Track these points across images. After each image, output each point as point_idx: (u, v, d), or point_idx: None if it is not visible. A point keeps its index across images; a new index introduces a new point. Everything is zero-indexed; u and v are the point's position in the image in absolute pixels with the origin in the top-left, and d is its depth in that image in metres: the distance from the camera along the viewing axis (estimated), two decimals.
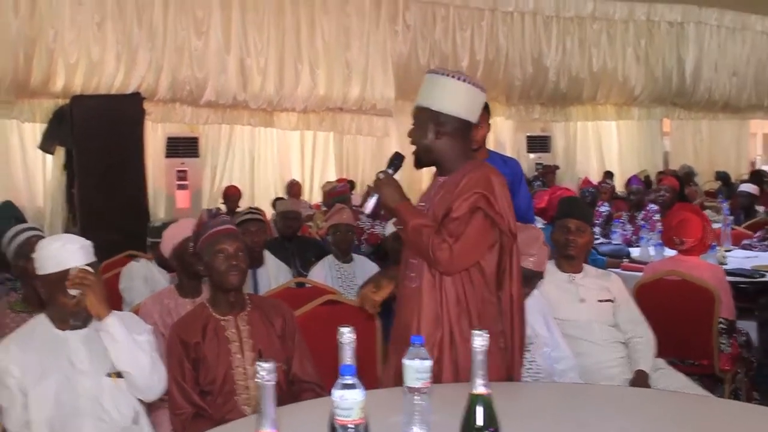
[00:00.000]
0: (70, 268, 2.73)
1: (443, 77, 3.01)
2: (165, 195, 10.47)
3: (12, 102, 9.17)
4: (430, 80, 3.04)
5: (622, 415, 2.57)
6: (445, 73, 3.03)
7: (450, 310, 2.95)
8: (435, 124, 2.99)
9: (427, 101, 3.01)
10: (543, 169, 12.72)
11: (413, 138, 3.05)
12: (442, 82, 3.01)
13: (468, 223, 2.87)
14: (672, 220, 5.04)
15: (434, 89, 3.02)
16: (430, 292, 2.98)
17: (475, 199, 2.89)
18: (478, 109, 3.10)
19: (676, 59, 14.10)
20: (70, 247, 2.78)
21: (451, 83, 3.00)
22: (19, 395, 2.70)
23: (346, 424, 1.82)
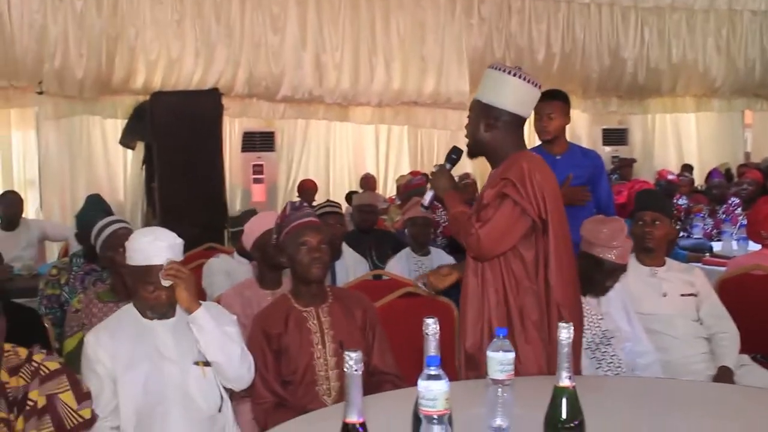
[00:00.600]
0: (159, 264, 2.80)
1: (497, 72, 3.11)
2: (241, 189, 10.61)
3: (95, 99, 9.39)
4: (487, 75, 3.16)
5: (705, 411, 2.54)
6: (501, 68, 3.13)
7: (490, 298, 3.01)
8: (485, 116, 3.10)
9: (480, 95, 3.14)
10: (620, 162, 12.51)
11: (467, 130, 3.20)
12: (496, 76, 3.11)
13: (496, 209, 2.96)
14: (758, 214, 4.92)
15: (488, 83, 3.14)
16: (474, 281, 3.06)
17: (502, 185, 2.98)
18: (531, 104, 3.19)
19: (759, 49, 13.68)
20: (159, 245, 2.84)
21: (504, 78, 3.09)
22: (109, 382, 2.78)
23: (431, 415, 1.83)
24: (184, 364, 2.86)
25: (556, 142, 4.58)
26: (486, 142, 3.11)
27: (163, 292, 2.82)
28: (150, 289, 2.82)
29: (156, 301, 2.84)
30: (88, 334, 2.88)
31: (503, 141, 3.09)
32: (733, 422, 2.39)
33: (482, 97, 3.12)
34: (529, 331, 2.97)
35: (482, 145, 3.13)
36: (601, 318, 3.54)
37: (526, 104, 3.13)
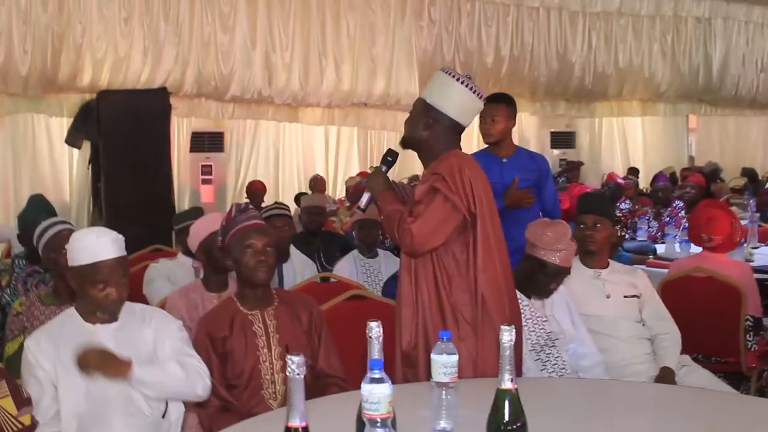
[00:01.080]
0: (107, 258, 2.76)
1: (448, 76, 3.16)
2: (190, 189, 10.52)
3: (40, 97, 9.23)
4: (437, 77, 3.20)
5: (647, 412, 2.57)
6: (452, 73, 3.17)
7: (423, 296, 3.04)
8: (426, 115, 3.14)
9: (426, 94, 3.18)
10: (567, 165, 12.66)
11: (406, 124, 3.22)
12: (445, 80, 3.15)
13: (428, 204, 3.00)
14: (700, 217, 5.01)
15: (436, 85, 3.18)
16: (407, 279, 3.10)
17: (433, 180, 3.02)
18: (472, 114, 3.25)
19: (703, 55, 13.96)
20: (104, 240, 2.79)
21: (452, 83, 3.13)
22: (49, 387, 2.73)
23: (374, 418, 1.83)
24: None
25: (502, 145, 4.63)
26: (422, 140, 3.16)
27: (114, 289, 2.77)
28: (100, 287, 2.75)
29: (107, 299, 2.77)
30: (29, 338, 2.82)
31: (438, 141, 3.14)
32: (674, 422, 2.43)
33: (427, 97, 3.16)
34: (462, 328, 3.00)
35: (417, 142, 3.18)
36: (546, 320, 3.57)
37: (467, 113, 3.18)
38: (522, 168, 4.58)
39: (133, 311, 2.95)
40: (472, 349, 2.99)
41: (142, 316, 2.95)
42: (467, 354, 2.97)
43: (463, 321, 3.01)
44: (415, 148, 3.21)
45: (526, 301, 3.55)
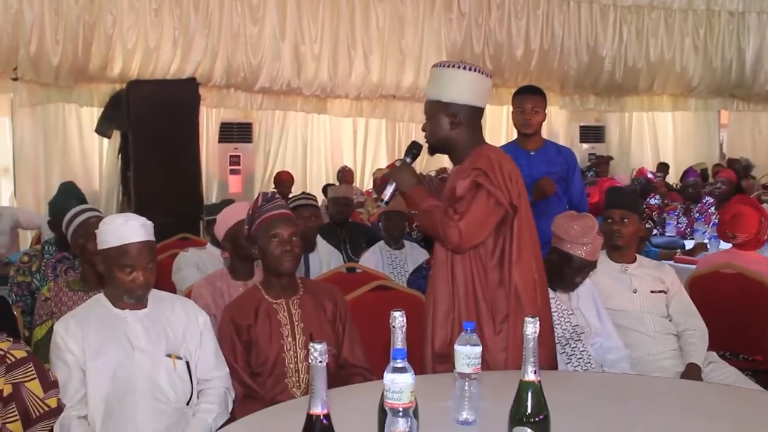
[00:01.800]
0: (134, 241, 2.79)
1: (448, 69, 3.11)
2: (218, 180, 10.58)
3: (71, 86, 9.31)
4: (436, 74, 3.15)
5: (672, 408, 2.55)
6: (449, 64, 3.13)
7: (459, 292, 3.01)
8: (448, 114, 3.10)
9: (437, 94, 3.11)
10: (596, 159, 12.59)
11: (429, 131, 3.15)
12: (448, 73, 3.11)
13: (471, 200, 2.96)
14: (727, 214, 4.96)
15: (442, 81, 3.12)
16: (443, 276, 3.06)
17: (475, 176, 2.98)
18: (487, 94, 3.21)
19: (735, 50, 13.79)
20: (132, 224, 2.83)
21: (456, 73, 3.10)
22: (77, 371, 2.75)
23: (396, 408, 1.83)
24: (155, 355, 2.84)
25: (532, 138, 4.62)
26: (450, 140, 3.12)
27: (141, 273, 2.80)
28: (127, 271, 2.79)
29: (134, 283, 2.80)
30: (57, 323, 2.85)
31: (466, 136, 3.11)
32: (700, 419, 2.41)
33: (440, 97, 3.10)
34: (497, 323, 2.99)
35: (446, 143, 3.13)
36: (572, 313, 3.56)
37: (483, 95, 3.16)
38: (549, 161, 4.57)
39: (161, 298, 2.98)
40: (506, 343, 2.98)
41: (171, 303, 2.98)
42: (502, 348, 2.97)
43: (499, 315, 3.00)
44: (444, 151, 3.18)
45: (551, 294, 3.53)
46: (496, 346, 2.96)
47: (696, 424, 2.37)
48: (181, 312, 2.96)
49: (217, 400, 2.91)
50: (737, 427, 2.32)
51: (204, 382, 2.93)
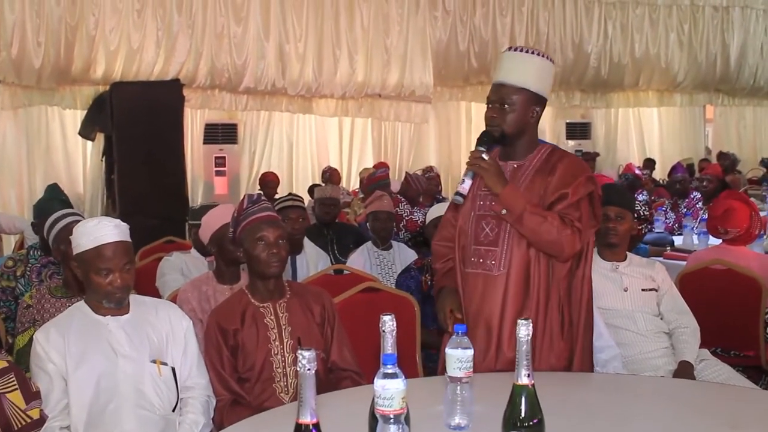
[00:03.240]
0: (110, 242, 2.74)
1: (537, 57, 3.04)
2: (203, 181, 10.52)
3: (53, 89, 9.24)
4: (523, 60, 3.04)
5: (666, 406, 2.54)
6: (538, 53, 3.06)
7: (540, 297, 2.96)
8: (535, 105, 3.03)
9: (523, 81, 3.00)
10: (583, 156, 12.59)
11: (510, 120, 2.99)
12: (538, 63, 3.03)
13: (582, 208, 2.95)
14: (717, 209, 4.93)
15: (530, 69, 3.02)
16: (521, 280, 2.98)
17: (588, 184, 2.97)
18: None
19: (720, 44, 13.84)
20: (106, 225, 2.79)
21: (545, 64, 3.06)
22: (59, 381, 2.70)
23: (387, 414, 1.79)
24: (139, 362, 2.79)
25: None
26: (527, 132, 3.04)
27: (118, 275, 2.74)
28: (104, 274, 2.73)
29: (111, 285, 2.74)
30: (38, 332, 2.80)
31: (535, 130, 3.09)
32: (693, 417, 2.39)
33: (528, 85, 2.99)
34: (565, 327, 3.00)
35: (522, 134, 3.03)
36: None
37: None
38: None
39: (144, 303, 2.94)
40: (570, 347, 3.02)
41: (154, 308, 2.94)
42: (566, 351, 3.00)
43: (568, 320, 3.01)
44: (509, 142, 3.03)
45: None
46: (560, 351, 2.98)
47: (689, 423, 2.35)
48: (165, 317, 2.91)
49: (202, 409, 2.87)
50: (730, 424, 2.30)
51: (186, 390, 2.88)
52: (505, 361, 2.93)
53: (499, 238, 2.99)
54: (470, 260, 3.04)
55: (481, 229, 3.03)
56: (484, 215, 3.03)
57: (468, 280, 3.05)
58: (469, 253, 3.05)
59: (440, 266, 3.25)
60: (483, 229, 3.03)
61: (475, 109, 12.29)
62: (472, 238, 3.05)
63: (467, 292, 3.05)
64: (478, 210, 3.04)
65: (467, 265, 3.06)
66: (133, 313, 2.85)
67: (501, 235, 2.99)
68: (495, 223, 3.00)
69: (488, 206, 3.01)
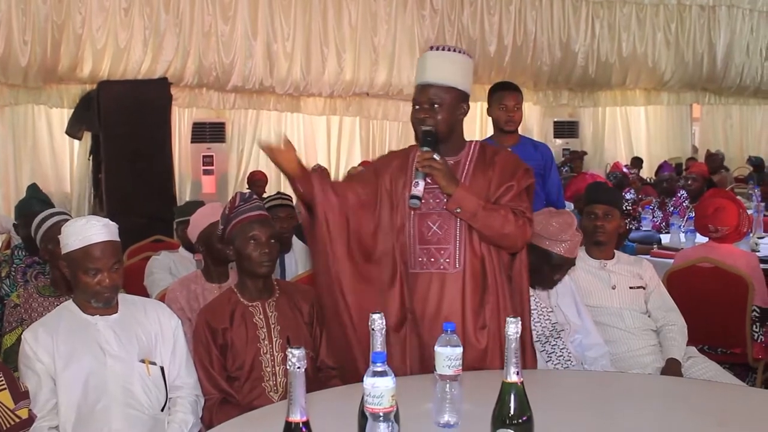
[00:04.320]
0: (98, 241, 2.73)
1: (461, 56, 3.05)
2: (191, 180, 10.50)
3: (40, 88, 9.21)
4: (451, 59, 3.03)
5: (653, 404, 2.55)
6: (460, 50, 3.08)
7: (498, 289, 2.99)
8: (463, 103, 3.03)
9: (453, 81, 2.99)
10: (570, 154, 12.64)
11: (442, 119, 2.97)
12: (462, 61, 3.04)
13: (525, 198, 2.99)
14: (707, 208, 4.95)
15: (456, 68, 3.01)
16: (478, 275, 2.97)
17: (527, 176, 3.01)
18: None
19: (707, 43, 13.90)
20: (94, 224, 2.77)
21: (468, 62, 3.07)
22: (47, 380, 2.69)
23: (377, 412, 1.79)
24: (128, 361, 2.78)
25: (510, 135, 4.60)
26: (457, 130, 3.04)
27: (107, 275, 2.74)
28: (92, 274, 2.72)
29: (100, 285, 2.73)
30: (26, 331, 2.78)
31: (462, 126, 3.09)
32: (681, 414, 2.40)
33: (457, 84, 2.98)
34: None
35: (453, 133, 3.02)
36: (551, 311, 3.53)
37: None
38: (526, 158, 4.49)
39: (133, 303, 2.93)
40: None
41: (142, 307, 2.93)
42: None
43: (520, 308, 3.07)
44: (442, 141, 2.99)
45: (531, 291, 3.50)
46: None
47: (677, 420, 2.36)
48: (153, 316, 2.90)
49: (191, 408, 2.86)
50: (718, 421, 2.31)
51: (174, 389, 2.87)
52: (477, 354, 2.92)
53: (450, 236, 2.95)
54: (417, 260, 2.98)
55: (426, 228, 2.97)
56: (429, 213, 2.97)
57: (417, 281, 2.98)
58: (413, 252, 2.98)
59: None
60: (429, 228, 2.96)
61: None
62: (416, 238, 2.98)
63: (418, 293, 2.97)
64: (419, 209, 2.96)
65: (414, 266, 2.98)
66: (121, 312, 2.84)
67: (452, 233, 2.95)
68: (442, 221, 2.96)
69: (433, 205, 2.97)
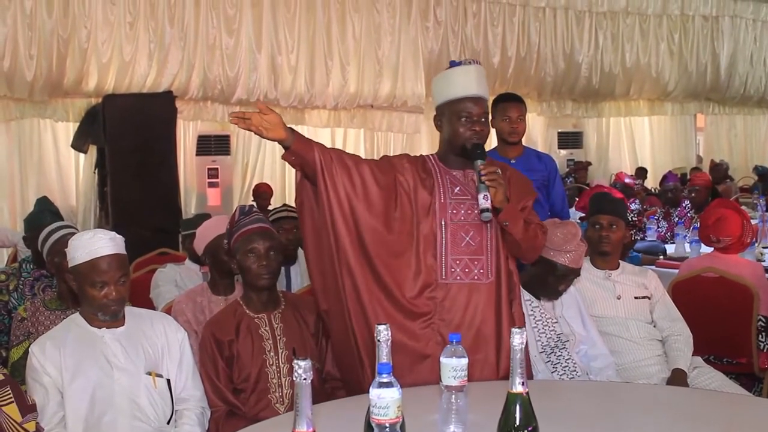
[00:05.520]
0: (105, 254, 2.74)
1: (480, 67, 3.14)
2: (196, 193, 10.50)
3: (46, 102, 9.22)
4: (481, 72, 3.12)
5: (659, 414, 2.55)
6: (477, 61, 3.17)
7: (516, 302, 3.09)
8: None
9: (486, 93, 3.11)
10: (575, 165, 12.63)
11: (487, 129, 3.07)
12: (481, 71, 3.12)
13: (532, 210, 3.10)
14: (709, 218, 4.95)
15: (484, 79, 3.11)
16: (505, 286, 3.05)
17: (533, 191, 3.16)
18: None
19: (710, 54, 13.92)
20: (101, 238, 2.78)
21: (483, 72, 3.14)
22: (55, 393, 2.71)
23: (383, 423, 1.80)
24: (135, 374, 2.79)
25: (513, 146, 4.61)
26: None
27: (113, 288, 2.75)
28: (99, 287, 2.74)
29: (107, 298, 2.74)
30: (34, 344, 2.80)
31: None
32: (687, 425, 2.40)
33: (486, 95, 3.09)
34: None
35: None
36: (556, 321, 3.53)
37: None
38: (530, 169, 4.55)
39: (140, 315, 2.94)
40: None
41: (149, 320, 2.94)
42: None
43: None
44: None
45: (536, 302, 3.51)
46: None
47: (683, 430, 2.36)
48: (160, 329, 2.92)
49: (197, 421, 2.87)
50: (724, 431, 2.31)
51: (181, 402, 2.88)
52: (505, 369, 2.92)
53: (482, 247, 3.00)
54: (450, 271, 2.98)
55: (460, 239, 2.99)
56: (462, 224, 3.00)
57: (449, 292, 2.98)
58: (445, 263, 2.98)
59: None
60: (462, 239, 3.00)
61: None
62: (448, 249, 2.99)
63: (444, 302, 2.98)
64: (451, 219, 2.98)
65: (446, 276, 2.98)
66: (128, 325, 2.85)
67: (484, 244, 3.01)
68: (475, 233, 3.00)
69: (464, 216, 3.00)
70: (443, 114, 3.09)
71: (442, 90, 3.12)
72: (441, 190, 3.03)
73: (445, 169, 3.09)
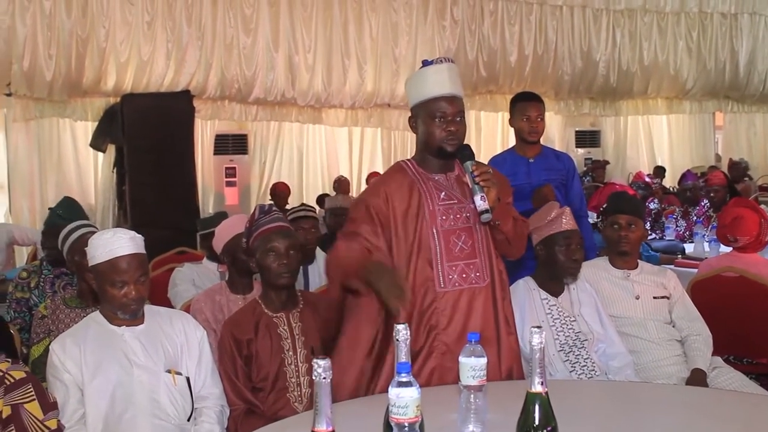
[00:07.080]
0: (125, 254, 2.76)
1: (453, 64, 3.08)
2: (214, 192, 10.55)
3: (65, 101, 9.29)
4: (454, 70, 3.07)
5: (679, 415, 2.53)
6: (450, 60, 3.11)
7: (508, 300, 3.06)
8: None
9: (461, 91, 3.09)
10: (592, 164, 12.59)
11: (462, 130, 3.03)
12: (454, 69, 3.07)
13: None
14: (726, 218, 4.92)
15: (458, 78, 3.09)
16: (500, 286, 3.01)
17: (510, 187, 3.12)
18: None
19: (729, 51, 13.81)
20: (121, 237, 2.80)
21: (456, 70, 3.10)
22: (75, 391, 2.72)
23: (402, 423, 1.80)
24: (155, 371, 2.81)
25: (532, 145, 4.60)
26: None
27: (133, 287, 2.76)
28: (119, 286, 2.75)
29: (126, 297, 2.76)
30: (54, 342, 2.82)
31: None
32: (706, 425, 2.39)
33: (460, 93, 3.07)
34: (510, 326, 3.05)
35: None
36: (574, 320, 3.52)
37: None
38: (548, 168, 4.55)
39: (159, 314, 2.96)
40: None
41: (168, 318, 2.95)
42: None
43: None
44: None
45: (553, 300, 3.51)
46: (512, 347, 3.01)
47: (703, 430, 2.35)
48: (179, 327, 2.93)
49: (216, 419, 2.88)
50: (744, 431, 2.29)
51: (200, 400, 2.89)
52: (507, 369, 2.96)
53: (475, 250, 2.94)
54: (447, 278, 2.90)
55: (453, 244, 2.92)
56: (452, 230, 2.93)
57: (444, 298, 2.90)
58: (441, 271, 2.91)
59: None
60: (456, 244, 2.92)
61: (483, 119, 12.33)
62: (443, 255, 2.91)
63: (445, 311, 2.90)
64: (441, 225, 2.91)
65: (445, 284, 2.90)
66: (148, 323, 2.87)
67: (476, 247, 2.95)
68: (466, 236, 2.94)
69: (453, 221, 2.93)
70: (418, 115, 3.02)
71: (415, 90, 3.04)
72: (428, 197, 2.94)
73: (425, 174, 3.00)
